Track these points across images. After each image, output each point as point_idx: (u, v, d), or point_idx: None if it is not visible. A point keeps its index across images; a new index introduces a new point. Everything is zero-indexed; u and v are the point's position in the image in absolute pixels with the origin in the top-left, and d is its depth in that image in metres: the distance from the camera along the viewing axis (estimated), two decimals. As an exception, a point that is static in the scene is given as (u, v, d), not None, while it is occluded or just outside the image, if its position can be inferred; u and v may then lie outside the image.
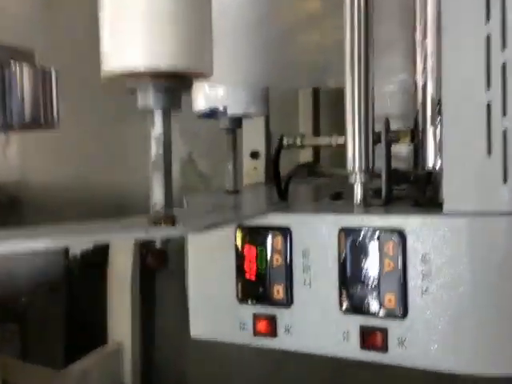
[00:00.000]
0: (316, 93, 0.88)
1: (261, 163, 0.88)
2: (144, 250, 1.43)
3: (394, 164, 0.57)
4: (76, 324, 1.55)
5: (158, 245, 0.44)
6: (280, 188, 0.60)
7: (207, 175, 1.40)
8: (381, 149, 0.54)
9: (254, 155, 0.88)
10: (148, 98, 0.44)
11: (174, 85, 0.44)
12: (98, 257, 1.43)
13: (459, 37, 0.45)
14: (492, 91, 0.43)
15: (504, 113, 0.43)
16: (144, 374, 1.45)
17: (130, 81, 0.43)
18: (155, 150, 0.45)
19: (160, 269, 1.46)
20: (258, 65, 0.61)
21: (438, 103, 0.49)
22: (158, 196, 0.45)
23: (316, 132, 0.89)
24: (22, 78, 0.54)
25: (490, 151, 0.44)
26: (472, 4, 0.44)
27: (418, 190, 0.57)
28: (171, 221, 0.44)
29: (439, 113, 0.48)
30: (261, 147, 0.87)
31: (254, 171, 0.88)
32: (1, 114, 0.54)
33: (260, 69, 0.62)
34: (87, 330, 1.49)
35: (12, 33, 0.61)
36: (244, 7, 0.59)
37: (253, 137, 0.86)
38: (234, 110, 0.67)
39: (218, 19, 0.55)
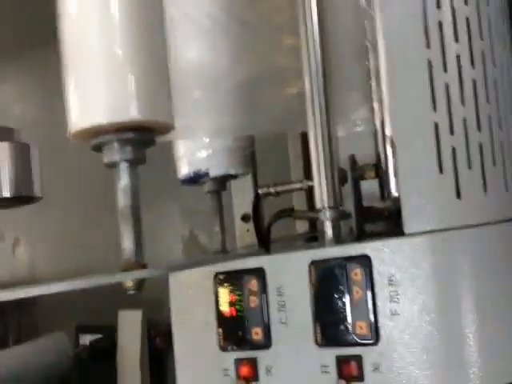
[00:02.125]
0: (304, 136, 0.89)
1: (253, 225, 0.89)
2: (152, 332, 1.43)
3: (368, 203, 0.58)
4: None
5: (130, 291, 0.45)
6: (261, 236, 0.61)
7: (209, 247, 1.42)
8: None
9: (245, 218, 0.89)
10: (113, 152, 0.46)
11: (137, 137, 0.46)
12: (107, 344, 1.43)
13: (404, 66, 0.47)
14: (438, 112, 0.45)
15: (451, 131, 0.45)
16: None
17: (94, 138, 0.46)
18: (122, 201, 0.47)
19: (170, 349, 1.45)
20: (232, 115, 0.64)
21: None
22: (127, 244, 0.46)
23: (308, 176, 0.89)
24: (2, 154, 0.57)
25: (441, 170, 0.45)
26: (413, 35, 0.47)
27: (392, 223, 0.58)
28: (141, 266, 0.45)
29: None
30: (250, 209, 0.88)
31: (247, 233, 0.89)
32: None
33: (234, 119, 0.64)
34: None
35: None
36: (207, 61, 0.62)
37: (242, 199, 0.88)
38: (216, 171, 0.69)
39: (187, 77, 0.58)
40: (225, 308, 0.54)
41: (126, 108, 0.44)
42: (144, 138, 0.47)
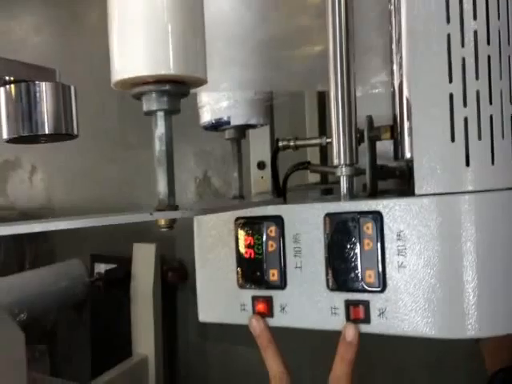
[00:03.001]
0: (321, 96, 0.92)
1: (267, 173, 0.93)
2: (165, 267, 1.49)
3: (382, 161, 0.62)
4: (101, 337, 1.60)
5: (163, 228, 0.50)
6: (278, 186, 0.65)
7: (222, 191, 1.47)
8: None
9: (261, 165, 0.93)
10: (151, 102, 0.50)
11: (174, 89, 0.50)
12: (121, 273, 1.49)
13: (424, 37, 0.50)
14: (454, 84, 0.49)
15: (465, 103, 0.49)
16: (167, 384, 1.50)
17: (135, 88, 0.50)
18: (158, 147, 0.51)
19: (181, 284, 1.52)
20: (257, 71, 0.67)
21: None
22: (161, 187, 0.51)
23: (322, 133, 0.92)
24: (46, 92, 0.61)
25: (453, 138, 0.49)
26: (435, 9, 0.50)
27: (402, 183, 0.62)
28: (174, 207, 0.50)
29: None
30: (267, 157, 0.93)
31: (261, 180, 0.93)
32: (28, 125, 0.61)
33: (259, 74, 0.67)
34: (112, 343, 1.55)
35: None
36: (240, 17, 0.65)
37: (259, 148, 0.91)
38: (237, 120, 0.73)
39: (215, 30, 0.61)
40: (244, 250, 0.59)
41: (165, 62, 0.48)
42: (179, 90, 0.51)
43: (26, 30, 1.83)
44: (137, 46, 0.48)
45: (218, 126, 0.73)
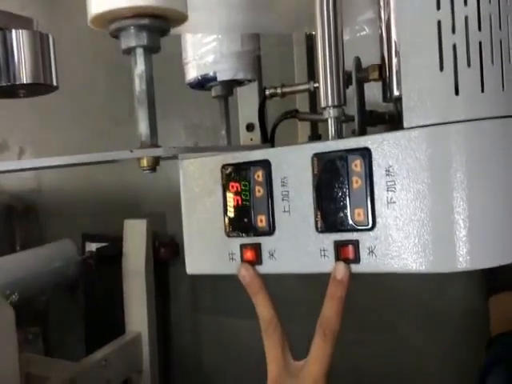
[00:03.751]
0: (309, 39, 0.89)
1: (257, 134, 0.91)
2: (156, 242, 1.48)
3: (370, 107, 0.61)
4: (94, 317, 1.59)
5: (146, 170, 0.48)
6: (265, 132, 0.64)
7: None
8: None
9: (250, 127, 0.92)
10: (130, 38, 0.48)
11: (153, 23, 0.48)
12: (113, 251, 1.48)
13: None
14: (442, 10, 0.47)
15: (453, 30, 0.47)
16: (162, 360, 1.49)
17: (113, 23, 0.48)
18: (138, 86, 0.50)
19: (172, 260, 1.51)
20: (244, 12, 0.65)
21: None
22: (143, 128, 0.49)
23: (312, 78, 0.90)
24: (23, 42, 0.59)
25: (442, 67, 0.47)
26: None
27: (392, 127, 0.60)
28: (156, 147, 0.49)
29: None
30: (255, 119, 0.91)
31: (251, 142, 0.91)
32: (5, 76, 0.59)
33: (247, 16, 0.65)
34: (105, 322, 1.54)
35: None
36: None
37: (247, 109, 0.90)
38: (223, 75, 0.71)
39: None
40: (232, 197, 0.58)
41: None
42: (159, 26, 0.49)
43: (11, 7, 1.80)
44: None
45: (204, 82, 0.71)
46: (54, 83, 0.61)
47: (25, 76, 0.60)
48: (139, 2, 0.45)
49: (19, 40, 0.60)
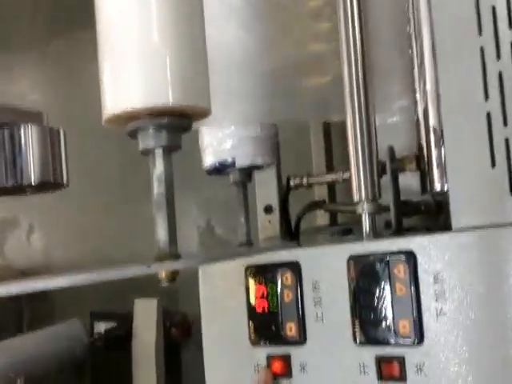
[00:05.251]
0: (327, 127, 0.87)
1: (275, 217, 0.87)
2: (168, 322, 1.41)
3: (405, 197, 0.56)
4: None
5: (164, 283, 0.44)
6: (290, 228, 0.59)
7: (226, 239, 1.40)
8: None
9: (268, 209, 0.87)
10: (148, 138, 0.44)
11: (173, 122, 0.44)
12: (122, 331, 1.42)
13: (454, 50, 0.45)
14: (491, 101, 0.43)
15: (505, 122, 0.43)
16: None
17: (130, 123, 0.44)
18: (157, 189, 0.45)
19: (185, 341, 1.44)
20: (262, 102, 0.62)
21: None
22: (161, 235, 0.44)
23: (330, 167, 0.87)
24: (32, 138, 0.55)
25: (493, 163, 0.43)
26: (464, 18, 0.45)
27: (429, 218, 0.55)
28: (175, 257, 0.44)
29: (442, 134, 0.47)
30: (274, 201, 0.87)
31: (269, 225, 0.87)
32: (12, 176, 0.55)
33: (264, 105, 0.62)
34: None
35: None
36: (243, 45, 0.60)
37: (265, 191, 0.86)
38: (242, 161, 0.67)
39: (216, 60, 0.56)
40: (256, 302, 0.52)
41: (160, 92, 0.43)
42: (179, 124, 0.45)
43: (23, 87, 1.80)
44: (130, 76, 0.42)
45: (222, 169, 0.67)
46: (64, 181, 0.57)
47: (33, 176, 0.55)
48: (157, 101, 0.41)
49: (27, 136, 0.56)
